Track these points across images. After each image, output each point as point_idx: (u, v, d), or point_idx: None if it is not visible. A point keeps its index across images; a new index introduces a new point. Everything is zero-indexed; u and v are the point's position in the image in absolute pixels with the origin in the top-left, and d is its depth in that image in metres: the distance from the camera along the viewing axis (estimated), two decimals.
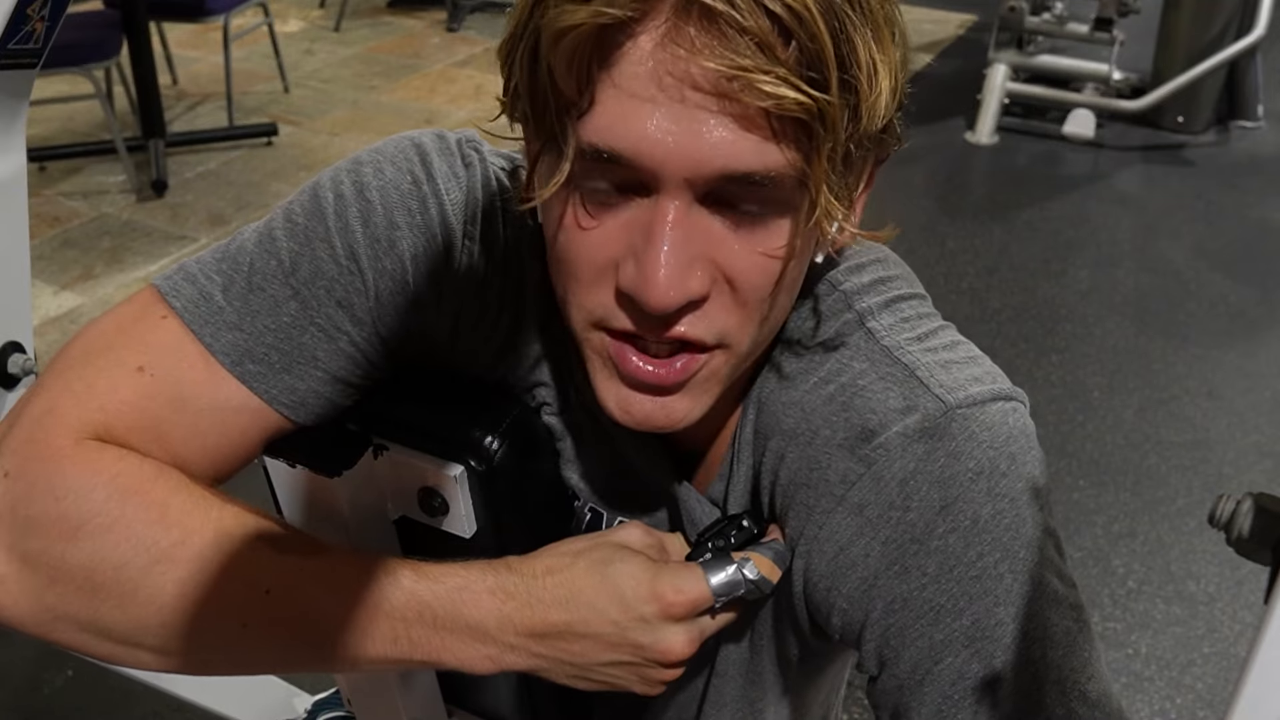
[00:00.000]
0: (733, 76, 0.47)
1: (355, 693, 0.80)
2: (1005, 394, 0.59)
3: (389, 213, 0.62)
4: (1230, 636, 1.87)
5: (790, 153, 0.49)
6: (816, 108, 0.47)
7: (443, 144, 0.65)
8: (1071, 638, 0.57)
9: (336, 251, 0.61)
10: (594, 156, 0.50)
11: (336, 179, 0.63)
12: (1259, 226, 3.34)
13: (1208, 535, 2.03)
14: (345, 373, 0.63)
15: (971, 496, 0.56)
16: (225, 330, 0.60)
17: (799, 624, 0.66)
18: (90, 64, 3.13)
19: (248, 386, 0.61)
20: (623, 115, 0.49)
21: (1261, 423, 2.42)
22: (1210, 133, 3.97)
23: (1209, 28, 3.79)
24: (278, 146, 3.68)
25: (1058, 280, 3.00)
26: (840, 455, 0.59)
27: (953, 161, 3.74)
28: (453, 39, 4.88)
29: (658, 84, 0.48)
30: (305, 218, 0.62)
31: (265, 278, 0.61)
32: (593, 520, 0.71)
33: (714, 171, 0.49)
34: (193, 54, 4.45)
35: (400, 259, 0.62)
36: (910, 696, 0.58)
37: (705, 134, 0.48)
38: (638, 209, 0.52)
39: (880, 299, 0.63)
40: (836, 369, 0.61)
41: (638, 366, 0.55)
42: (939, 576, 0.56)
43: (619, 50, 0.48)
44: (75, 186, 3.38)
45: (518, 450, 0.65)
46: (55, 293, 2.83)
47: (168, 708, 1.63)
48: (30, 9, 0.85)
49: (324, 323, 0.61)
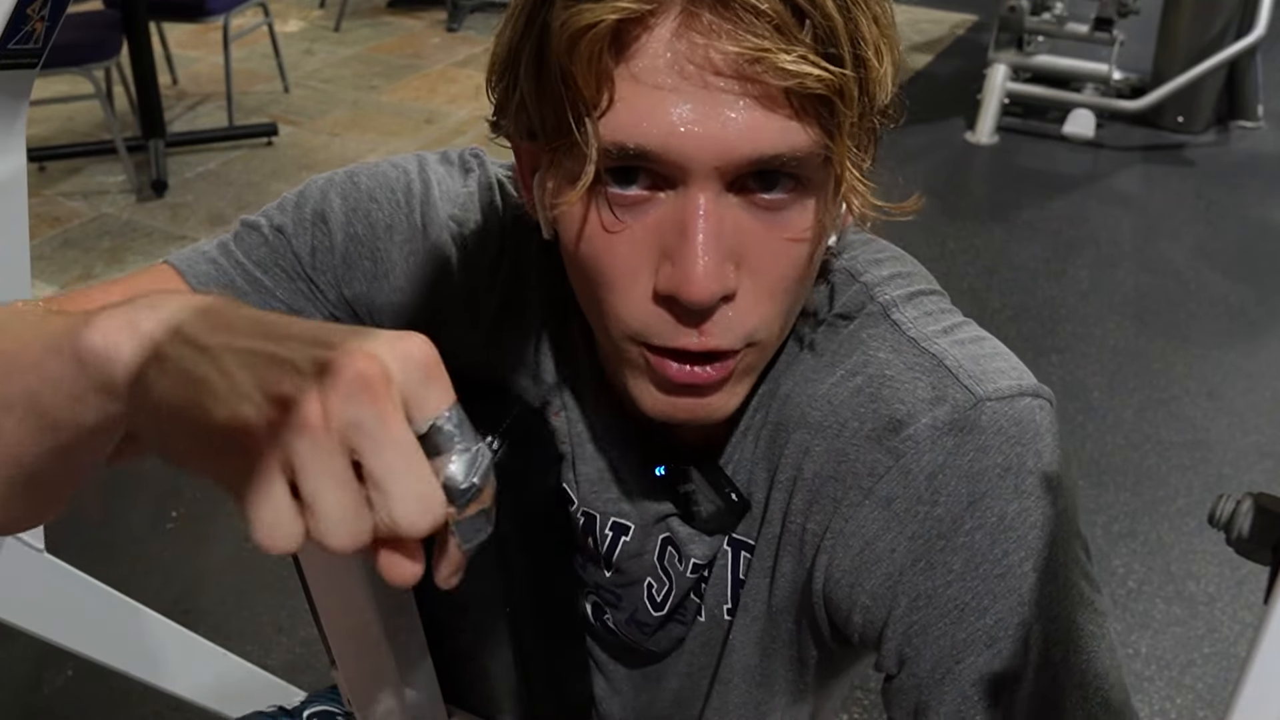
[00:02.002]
0: (754, 58, 0.47)
1: (355, 691, 0.80)
2: (1033, 390, 0.58)
3: (371, 190, 0.66)
4: (1230, 636, 1.86)
5: (814, 131, 0.50)
6: (837, 83, 0.48)
7: (444, 156, 0.67)
8: (1095, 642, 0.56)
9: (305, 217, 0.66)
10: (619, 155, 0.50)
11: (330, 173, 0.67)
12: (1259, 226, 3.34)
13: (1208, 535, 2.03)
14: None
15: (999, 493, 0.55)
16: (237, 295, 0.64)
17: (818, 626, 0.65)
18: (90, 64, 3.13)
19: None
20: (647, 109, 0.49)
21: (1261, 423, 2.41)
22: (1210, 133, 3.97)
23: (1209, 28, 3.79)
24: (278, 146, 3.68)
25: (1058, 280, 3.00)
26: (868, 447, 0.59)
27: (953, 161, 3.74)
28: (453, 39, 4.87)
29: (679, 72, 0.48)
30: (294, 203, 0.67)
31: (263, 267, 0.65)
32: (586, 524, 0.71)
33: (742, 157, 0.49)
34: (193, 54, 4.45)
35: (372, 226, 0.65)
36: (929, 695, 0.57)
37: (731, 120, 0.48)
38: (666, 206, 0.52)
39: (903, 292, 0.63)
40: (863, 361, 0.61)
41: (677, 371, 0.55)
42: (964, 574, 0.56)
43: (637, 43, 0.48)
44: (75, 186, 3.38)
45: (518, 450, 0.65)
46: (55, 293, 2.83)
47: (168, 707, 1.62)
48: (30, 9, 0.85)
49: (319, 299, 0.66)
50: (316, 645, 1.77)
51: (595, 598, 0.76)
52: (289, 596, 1.89)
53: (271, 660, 1.76)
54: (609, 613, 0.75)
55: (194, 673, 1.22)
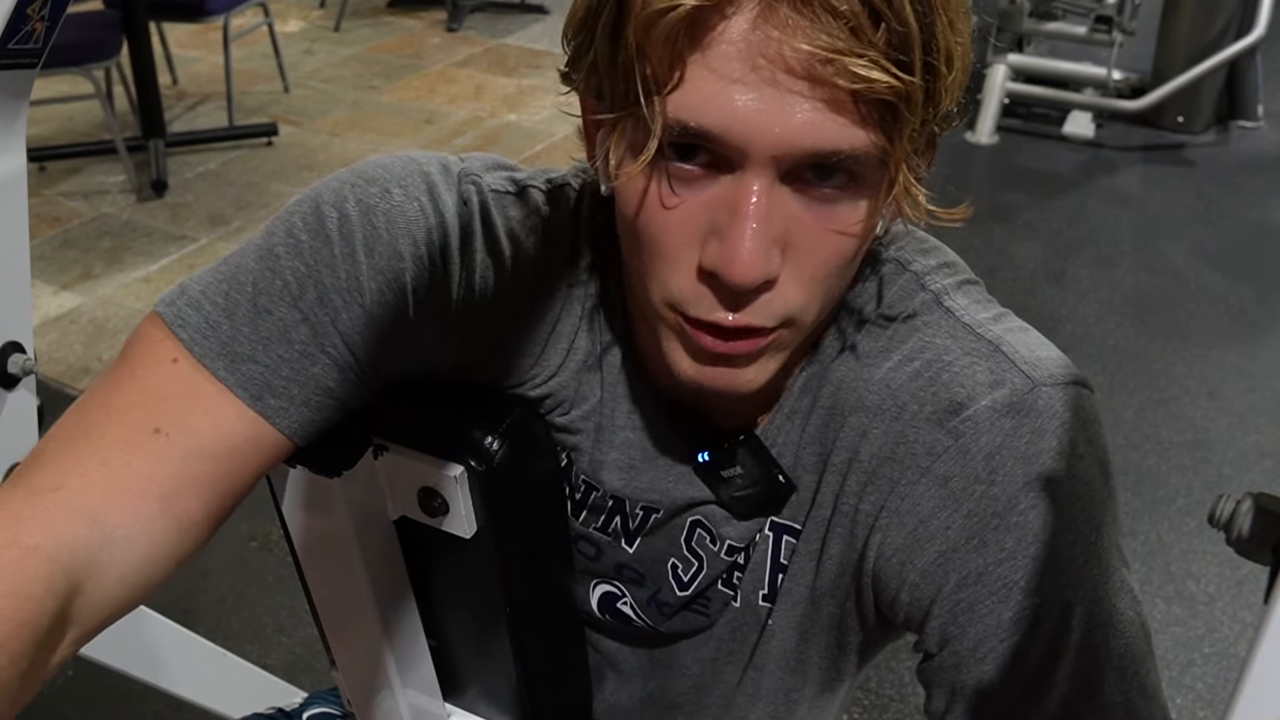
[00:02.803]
0: (827, 60, 0.47)
1: (355, 691, 0.80)
2: (1081, 379, 0.61)
3: (394, 241, 0.61)
4: (1230, 636, 1.87)
5: (874, 134, 0.50)
6: (904, 90, 0.48)
7: (446, 175, 0.65)
8: (1134, 628, 0.58)
9: (340, 279, 0.61)
10: (681, 132, 0.51)
11: (340, 195, 0.62)
12: (1259, 226, 3.34)
13: (1208, 535, 2.03)
14: (350, 397, 0.63)
15: (1054, 475, 0.57)
16: (240, 363, 0.59)
17: (863, 607, 0.66)
18: (90, 64, 3.13)
19: (269, 421, 0.60)
20: (714, 94, 0.49)
21: (1261, 423, 2.41)
22: (1210, 133, 3.97)
23: (1209, 28, 3.79)
24: (278, 146, 3.68)
25: (1058, 280, 3.00)
26: (928, 428, 0.60)
27: (953, 161, 3.74)
28: (453, 39, 4.87)
29: (751, 65, 0.48)
30: (309, 236, 0.61)
31: (271, 299, 0.60)
32: (614, 506, 0.71)
33: (801, 150, 0.50)
34: (193, 54, 4.45)
35: (402, 291, 0.62)
36: (969, 674, 0.59)
37: (795, 114, 0.49)
38: (722, 186, 0.52)
39: (952, 280, 0.65)
40: (920, 346, 0.62)
41: (712, 342, 0.56)
42: (1016, 553, 0.57)
43: (713, 32, 0.48)
44: (75, 186, 3.38)
45: (518, 450, 0.65)
46: (55, 293, 2.83)
47: (168, 707, 1.63)
48: (30, 9, 0.85)
49: (333, 351, 0.61)
50: (316, 645, 1.77)
51: (609, 586, 0.76)
52: (289, 596, 1.89)
53: (271, 660, 1.76)
54: (628, 594, 0.75)
55: (194, 673, 1.22)
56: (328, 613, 0.75)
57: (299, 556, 0.72)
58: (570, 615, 0.78)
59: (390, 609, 0.73)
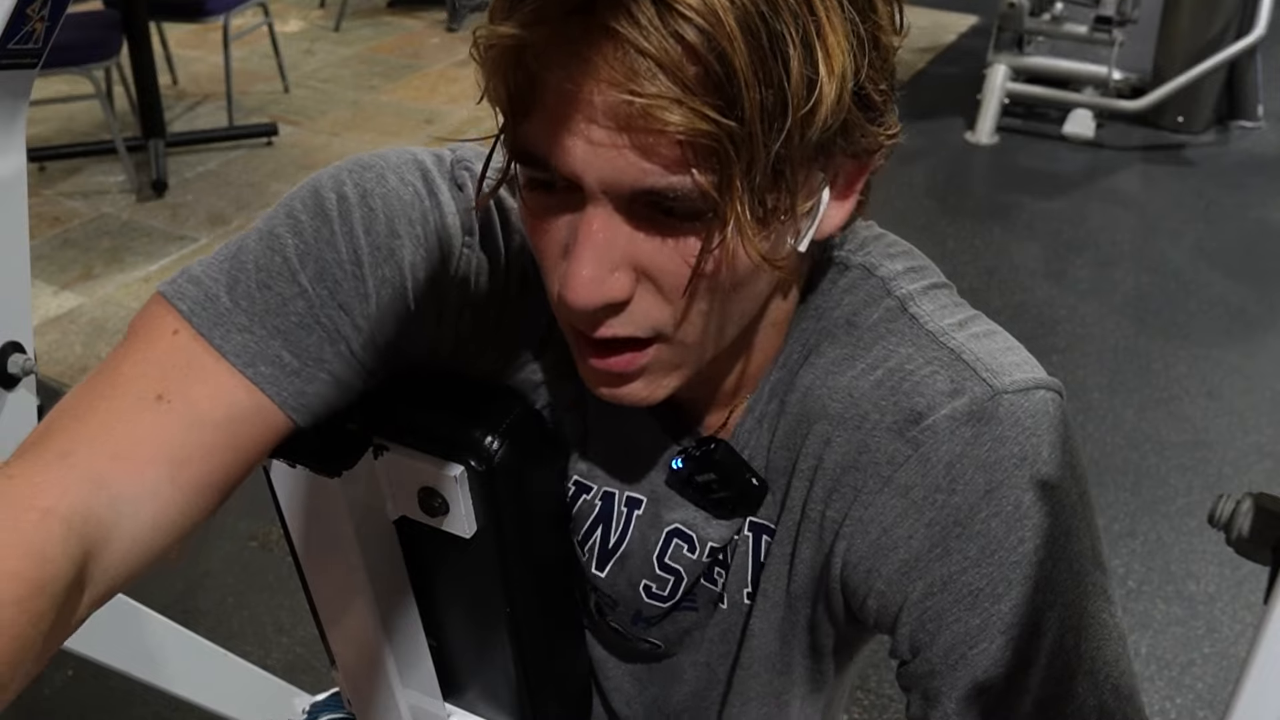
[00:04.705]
0: (641, 109, 0.46)
1: (355, 692, 0.80)
2: (1046, 383, 0.60)
3: (391, 221, 0.62)
4: (1230, 636, 1.87)
5: (703, 175, 0.48)
6: (726, 134, 0.46)
7: (440, 164, 0.66)
8: (1106, 630, 0.58)
9: (341, 254, 0.61)
10: (529, 159, 0.52)
11: (338, 179, 0.63)
12: (1259, 226, 3.34)
13: (1208, 535, 2.03)
14: (347, 377, 0.63)
15: (1015, 482, 0.57)
16: (235, 332, 0.60)
17: (834, 610, 0.67)
18: (90, 64, 3.13)
19: (261, 389, 0.60)
20: (548, 131, 0.50)
21: (1261, 423, 2.41)
22: (1210, 133, 3.97)
23: (1209, 28, 3.79)
24: (278, 146, 3.68)
25: (1058, 280, 3.00)
26: (889, 438, 0.60)
27: (953, 161, 3.74)
28: (453, 39, 4.88)
29: (571, 105, 0.48)
30: (309, 216, 0.62)
31: (271, 275, 0.61)
32: (604, 506, 0.71)
33: (625, 189, 0.50)
34: (193, 54, 4.45)
35: (399, 268, 0.62)
36: (942, 681, 0.59)
37: (617, 157, 0.49)
38: (574, 210, 0.53)
39: (918, 285, 0.64)
40: (883, 354, 0.62)
41: (595, 359, 0.57)
42: (980, 560, 0.57)
43: (534, 69, 0.49)
44: (75, 186, 3.38)
45: (518, 450, 0.65)
46: (55, 293, 2.83)
47: (168, 708, 1.63)
48: (30, 9, 0.85)
49: (328, 324, 0.61)
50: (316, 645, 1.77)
51: (597, 596, 0.76)
52: (289, 596, 1.89)
53: (271, 660, 1.76)
54: (611, 613, 0.76)
55: (194, 673, 1.22)
56: (328, 613, 0.75)
57: (299, 556, 0.72)
58: (570, 616, 0.78)
59: (390, 609, 0.73)
